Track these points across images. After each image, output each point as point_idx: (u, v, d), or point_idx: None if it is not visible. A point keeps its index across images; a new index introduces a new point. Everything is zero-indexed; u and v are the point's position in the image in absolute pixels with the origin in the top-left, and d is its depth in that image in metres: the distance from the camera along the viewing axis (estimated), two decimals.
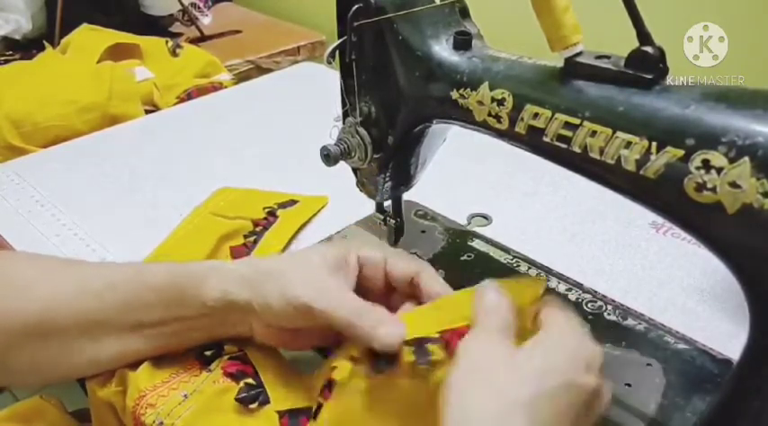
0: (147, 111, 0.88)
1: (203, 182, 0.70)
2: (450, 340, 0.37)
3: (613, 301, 0.52)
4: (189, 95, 0.93)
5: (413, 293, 0.43)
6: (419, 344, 0.37)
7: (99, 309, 0.41)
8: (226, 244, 0.58)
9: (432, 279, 0.43)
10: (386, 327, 0.37)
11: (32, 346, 0.41)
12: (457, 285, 0.54)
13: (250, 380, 0.42)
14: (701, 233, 0.30)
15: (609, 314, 0.51)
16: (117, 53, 0.94)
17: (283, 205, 0.64)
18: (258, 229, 0.61)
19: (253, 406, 0.41)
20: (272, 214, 0.63)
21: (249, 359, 0.44)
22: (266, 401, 0.41)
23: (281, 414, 0.40)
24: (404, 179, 0.49)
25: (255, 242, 0.59)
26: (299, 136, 0.75)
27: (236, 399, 0.41)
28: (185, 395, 0.42)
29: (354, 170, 0.50)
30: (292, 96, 0.91)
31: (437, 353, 0.36)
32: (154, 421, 0.41)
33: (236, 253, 0.57)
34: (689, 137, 0.29)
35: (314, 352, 0.45)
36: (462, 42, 0.39)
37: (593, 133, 0.32)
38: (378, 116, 0.45)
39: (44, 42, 1.00)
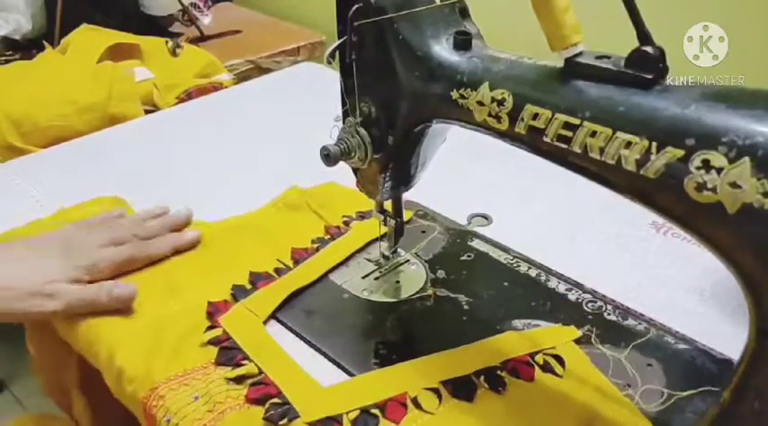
0: (147, 111, 0.88)
1: (203, 183, 0.70)
2: (515, 367, 0.46)
3: (613, 301, 0.52)
4: (189, 95, 0.92)
5: None
6: (489, 373, 0.45)
7: None
8: (289, 243, 0.58)
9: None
10: (118, 289, 0.50)
11: None
12: (458, 285, 0.55)
13: (276, 400, 0.43)
14: (701, 233, 0.30)
15: (609, 314, 0.51)
16: (117, 53, 0.94)
17: (363, 215, 0.62)
18: (327, 237, 0.59)
19: (282, 422, 0.41)
20: (347, 224, 0.61)
21: (271, 380, 0.45)
22: (295, 416, 0.42)
23: (313, 425, 0.42)
24: (404, 179, 0.49)
25: (318, 249, 0.58)
26: (299, 136, 0.75)
27: (265, 418, 0.41)
28: (196, 397, 0.43)
29: (354, 170, 0.50)
30: (292, 96, 0.91)
31: (508, 378, 0.45)
32: (164, 417, 0.42)
33: (297, 255, 0.57)
34: (689, 137, 0.29)
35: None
36: (462, 42, 0.40)
37: (594, 133, 0.32)
38: (378, 116, 0.45)
39: (44, 42, 0.99)
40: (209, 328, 0.49)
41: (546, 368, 0.46)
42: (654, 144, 0.30)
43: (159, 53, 0.98)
